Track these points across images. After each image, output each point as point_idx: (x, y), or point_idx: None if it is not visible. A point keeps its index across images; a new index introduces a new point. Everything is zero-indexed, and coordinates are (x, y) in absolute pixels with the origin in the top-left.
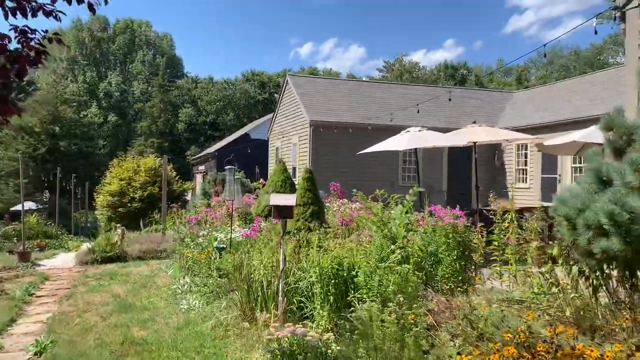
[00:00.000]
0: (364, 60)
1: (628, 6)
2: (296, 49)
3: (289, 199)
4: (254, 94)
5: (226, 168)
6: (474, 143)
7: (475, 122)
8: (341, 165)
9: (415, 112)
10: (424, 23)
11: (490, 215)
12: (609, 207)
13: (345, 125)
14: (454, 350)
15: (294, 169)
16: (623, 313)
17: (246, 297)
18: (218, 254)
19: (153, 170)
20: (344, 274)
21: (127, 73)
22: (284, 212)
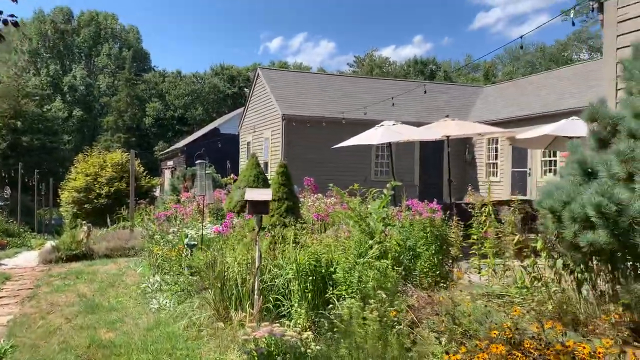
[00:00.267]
0: (334, 55)
1: None
2: (266, 43)
3: (264, 194)
4: (223, 88)
5: (197, 162)
6: (447, 137)
7: (448, 116)
8: (314, 160)
9: (388, 106)
10: (392, 18)
11: (469, 208)
12: (596, 199)
13: (319, 119)
14: (440, 348)
15: (266, 163)
16: (609, 307)
17: (220, 296)
18: (189, 251)
19: (120, 166)
20: (322, 270)
21: (93, 66)
22: (259, 208)
